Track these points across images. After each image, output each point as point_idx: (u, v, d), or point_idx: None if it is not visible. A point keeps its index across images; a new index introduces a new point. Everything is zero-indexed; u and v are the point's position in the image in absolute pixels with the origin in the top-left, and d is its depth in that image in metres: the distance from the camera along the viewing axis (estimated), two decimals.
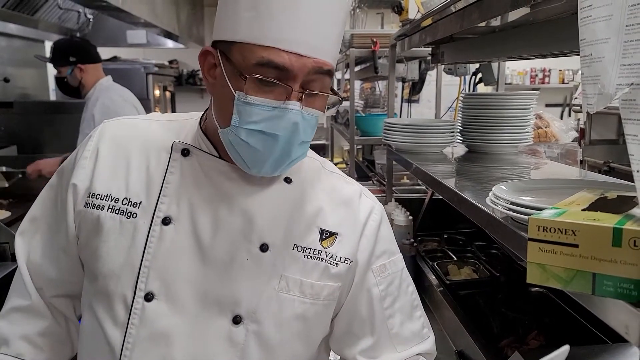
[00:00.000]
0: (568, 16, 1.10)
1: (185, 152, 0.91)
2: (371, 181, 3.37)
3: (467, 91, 2.56)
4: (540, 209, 0.67)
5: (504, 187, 0.94)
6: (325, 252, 0.93)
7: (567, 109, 6.40)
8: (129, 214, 0.89)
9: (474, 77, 2.50)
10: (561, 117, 5.83)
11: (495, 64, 2.34)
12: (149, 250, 0.87)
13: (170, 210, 0.88)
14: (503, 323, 1.43)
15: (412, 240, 1.93)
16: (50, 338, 0.99)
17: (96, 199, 0.90)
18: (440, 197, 1.54)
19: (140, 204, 0.89)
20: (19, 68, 4.15)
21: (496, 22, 1.32)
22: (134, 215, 0.89)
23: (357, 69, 3.52)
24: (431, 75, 3.51)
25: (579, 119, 3.40)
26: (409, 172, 2.16)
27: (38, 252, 0.97)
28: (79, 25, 4.24)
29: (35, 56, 3.93)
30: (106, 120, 0.98)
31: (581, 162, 2.16)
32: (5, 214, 2.48)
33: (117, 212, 0.89)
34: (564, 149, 2.37)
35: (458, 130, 1.94)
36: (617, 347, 1.07)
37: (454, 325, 1.46)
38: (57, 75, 3.09)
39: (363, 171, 3.75)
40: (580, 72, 0.62)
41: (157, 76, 4.61)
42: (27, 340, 0.96)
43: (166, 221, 0.88)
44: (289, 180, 0.94)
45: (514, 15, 1.14)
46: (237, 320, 0.88)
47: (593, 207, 0.66)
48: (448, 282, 1.70)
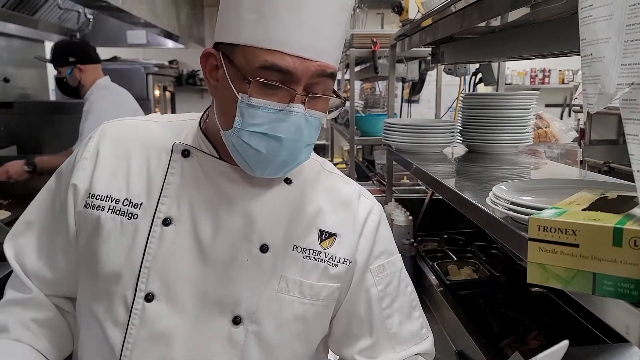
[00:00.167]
0: (568, 16, 1.10)
1: (185, 153, 0.91)
2: (371, 181, 3.37)
3: (467, 91, 2.56)
4: (540, 209, 0.67)
5: (504, 187, 0.94)
6: (325, 253, 0.93)
7: (567, 109, 6.40)
8: (129, 215, 0.89)
9: (474, 77, 2.50)
10: (561, 117, 5.83)
11: (495, 64, 2.34)
12: (150, 251, 0.87)
13: (170, 211, 0.88)
14: (503, 323, 1.43)
15: (412, 241, 1.93)
16: (51, 330, 0.96)
17: (96, 199, 0.90)
18: (440, 197, 1.54)
19: (141, 204, 0.89)
20: (19, 68, 4.15)
21: (496, 22, 1.32)
22: (135, 216, 0.89)
23: (357, 69, 3.52)
24: (431, 76, 3.51)
25: (579, 119, 3.40)
26: (409, 172, 2.17)
27: (33, 254, 0.96)
28: (79, 26, 4.25)
29: (35, 57, 3.94)
30: (106, 122, 0.98)
31: (581, 162, 2.16)
32: (5, 214, 2.48)
33: (117, 213, 0.89)
34: (564, 149, 2.37)
35: (458, 130, 1.94)
36: (617, 347, 1.07)
37: (454, 325, 1.46)
38: (57, 76, 3.11)
39: (363, 171, 3.75)
40: (581, 71, 0.62)
41: (157, 76, 4.61)
42: (26, 327, 0.93)
43: (167, 222, 0.88)
44: (289, 181, 0.94)
45: (514, 15, 1.14)
46: (237, 320, 0.88)
47: (593, 207, 0.66)
48: (448, 282, 1.70)
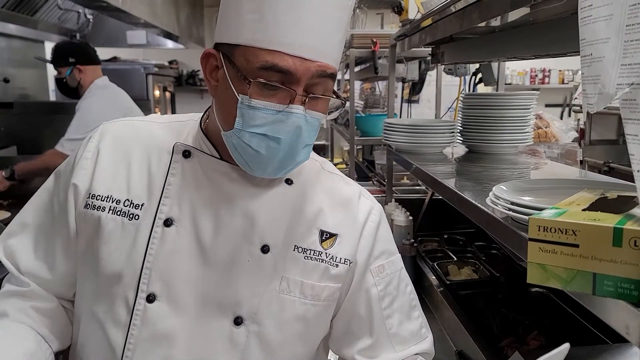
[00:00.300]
0: (568, 16, 1.09)
1: (186, 154, 0.91)
2: (371, 181, 3.37)
3: (467, 91, 2.56)
4: (540, 209, 0.67)
5: (504, 187, 0.94)
6: (326, 254, 0.93)
7: (567, 109, 6.40)
8: (130, 216, 0.88)
9: (474, 77, 2.50)
10: (561, 117, 5.83)
11: (495, 64, 2.34)
12: (151, 251, 0.87)
13: (171, 212, 0.88)
14: (503, 323, 1.43)
15: (412, 241, 1.93)
16: (51, 320, 0.95)
17: (96, 200, 0.89)
18: (440, 197, 1.54)
19: (142, 205, 0.89)
20: (19, 68, 4.15)
21: (496, 22, 1.32)
22: (136, 217, 0.88)
23: (357, 69, 3.52)
24: (431, 76, 3.51)
25: (579, 119, 3.40)
26: (409, 173, 2.17)
27: (29, 255, 0.95)
28: (79, 26, 4.25)
29: (35, 57, 3.94)
30: (106, 122, 0.98)
31: (581, 162, 2.16)
32: (5, 214, 2.48)
33: (118, 213, 0.88)
34: (564, 149, 2.37)
35: (458, 130, 1.94)
36: (617, 347, 1.07)
37: (454, 325, 1.46)
38: (57, 76, 3.12)
39: (363, 171, 3.75)
40: (581, 72, 0.62)
41: (157, 76, 4.61)
42: (25, 313, 0.92)
43: (168, 223, 0.88)
44: (289, 182, 0.94)
45: (513, 15, 1.14)
46: (238, 321, 0.88)
47: (593, 207, 0.66)
48: (448, 282, 1.70)
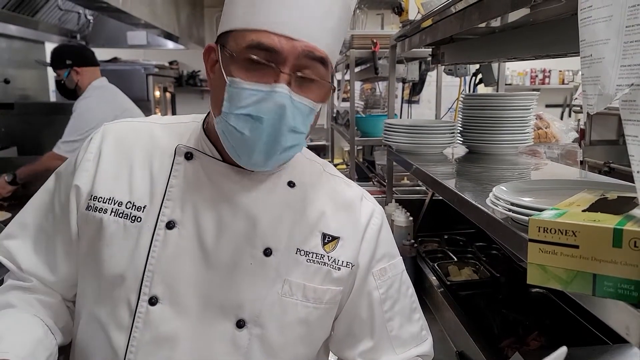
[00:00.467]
0: (568, 17, 1.09)
1: (188, 156, 0.91)
2: (371, 182, 3.37)
3: (467, 92, 2.56)
4: (540, 210, 0.67)
5: (504, 188, 0.94)
6: (328, 257, 0.93)
7: (567, 109, 6.39)
8: (133, 218, 0.88)
9: (474, 77, 2.50)
10: (561, 118, 5.82)
11: (495, 65, 2.34)
12: (153, 254, 0.86)
13: (174, 214, 0.88)
14: (503, 324, 1.43)
15: (412, 241, 1.93)
16: (55, 314, 0.94)
17: (98, 202, 0.89)
18: (441, 197, 1.54)
19: (144, 207, 0.89)
20: (19, 69, 4.15)
21: (496, 23, 1.32)
22: (139, 220, 0.88)
23: (357, 69, 3.52)
24: (431, 76, 3.51)
25: (579, 120, 3.39)
26: (409, 173, 2.16)
27: (29, 256, 0.94)
28: (79, 27, 4.26)
29: (36, 60, 3.95)
30: (107, 123, 0.98)
31: (581, 162, 2.15)
32: (5, 215, 2.48)
33: (120, 215, 0.88)
34: (564, 149, 2.37)
35: (458, 131, 1.94)
36: (617, 348, 1.08)
37: (454, 326, 1.46)
38: (56, 78, 3.14)
39: (363, 172, 3.75)
40: (581, 73, 0.62)
41: (157, 77, 4.61)
42: (31, 304, 0.92)
43: (170, 225, 0.87)
44: (292, 184, 0.94)
45: (514, 16, 1.14)
46: (240, 324, 0.87)
47: (593, 207, 0.66)
48: (448, 282, 1.70)
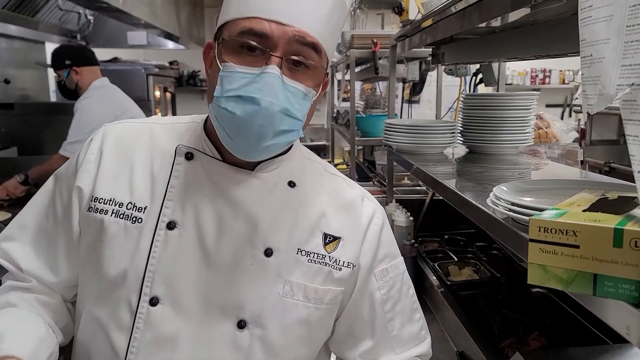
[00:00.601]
0: (568, 17, 1.09)
1: (189, 156, 0.91)
2: (372, 182, 3.37)
3: (468, 92, 2.55)
4: (541, 210, 0.67)
5: (505, 188, 0.94)
6: (329, 257, 0.93)
7: (567, 109, 6.39)
8: (134, 219, 0.88)
9: (474, 77, 2.50)
10: (562, 118, 5.82)
11: (495, 65, 2.34)
12: (154, 255, 0.86)
13: (174, 215, 0.88)
14: (504, 324, 1.43)
15: (412, 241, 1.93)
16: (56, 314, 0.94)
17: (99, 203, 0.89)
18: (441, 197, 1.54)
19: (145, 208, 0.89)
20: (20, 69, 4.15)
21: (496, 23, 1.32)
22: (139, 220, 0.88)
23: (357, 69, 3.52)
24: (431, 76, 3.51)
25: (579, 120, 3.39)
26: (409, 173, 2.16)
27: (31, 258, 0.94)
28: (80, 27, 4.26)
29: (36, 62, 3.96)
30: (107, 124, 0.97)
31: (582, 162, 2.15)
32: (5, 215, 2.48)
33: (121, 216, 0.88)
34: (564, 149, 2.37)
35: (458, 130, 1.94)
36: (618, 348, 1.07)
37: (454, 326, 1.46)
38: (57, 79, 3.14)
39: (364, 172, 3.75)
40: (581, 72, 0.62)
41: (158, 77, 4.61)
42: (31, 304, 0.91)
43: (171, 226, 0.87)
44: (292, 184, 0.94)
45: (514, 16, 1.14)
46: (241, 324, 0.87)
47: (594, 207, 0.65)
48: (449, 282, 1.70)
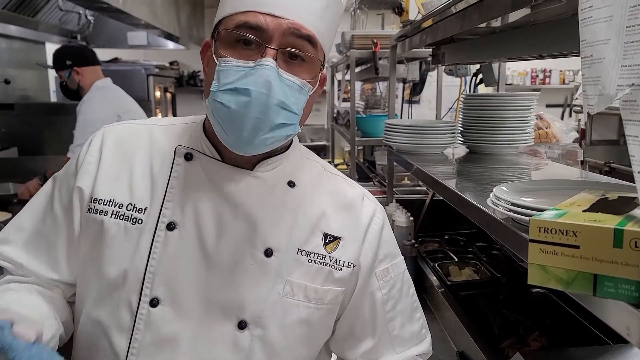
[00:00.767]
0: (568, 17, 1.09)
1: (188, 157, 0.90)
2: (372, 182, 3.37)
3: (468, 92, 2.55)
4: (541, 210, 0.67)
5: (505, 188, 0.94)
6: (329, 257, 0.93)
7: (567, 109, 6.39)
8: (134, 220, 0.88)
9: (474, 77, 2.50)
10: (562, 118, 5.82)
11: (495, 65, 2.34)
12: (154, 255, 0.86)
13: (174, 216, 0.88)
14: (504, 324, 1.43)
15: (413, 241, 1.93)
16: (56, 307, 0.90)
17: (99, 204, 0.89)
18: (441, 198, 1.54)
19: (145, 209, 0.88)
20: (20, 70, 4.15)
21: (497, 23, 1.32)
22: (140, 222, 0.88)
23: (357, 70, 3.52)
24: (432, 76, 3.51)
25: (579, 120, 3.39)
26: (409, 173, 2.16)
27: (29, 259, 0.92)
28: (80, 27, 4.26)
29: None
30: (106, 125, 0.97)
31: (582, 162, 2.15)
32: (6, 216, 2.48)
33: (121, 217, 0.88)
34: (564, 149, 2.37)
35: (459, 131, 1.94)
36: (618, 348, 1.07)
37: (455, 326, 1.46)
38: (60, 80, 3.15)
39: (364, 172, 3.75)
40: (581, 73, 0.62)
41: (158, 77, 4.62)
42: (31, 293, 0.88)
43: (171, 226, 0.87)
44: (292, 184, 0.94)
45: (514, 16, 1.14)
46: (242, 325, 0.87)
47: (594, 208, 0.65)
48: (449, 283, 1.70)
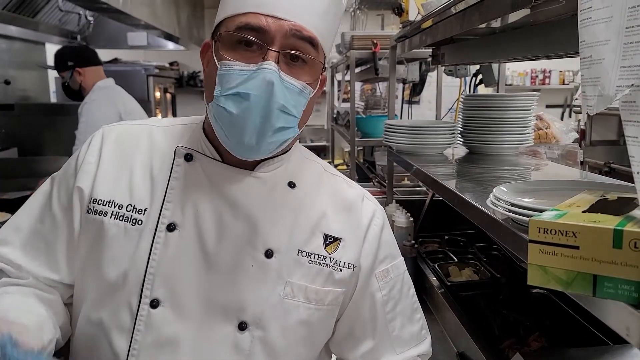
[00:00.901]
0: (568, 17, 1.09)
1: (188, 157, 0.90)
2: (372, 182, 3.37)
3: (468, 92, 2.55)
4: (540, 211, 0.67)
5: (505, 189, 0.94)
6: (330, 258, 0.92)
7: (567, 109, 6.39)
8: (134, 221, 0.88)
9: (474, 78, 2.49)
10: (562, 118, 5.82)
11: (495, 65, 2.34)
12: (154, 257, 0.86)
13: (174, 216, 0.88)
14: (504, 324, 1.43)
15: (412, 242, 1.93)
16: (54, 311, 0.90)
17: (98, 204, 0.89)
18: (441, 198, 1.54)
19: (145, 210, 0.88)
20: (20, 70, 4.15)
21: (496, 24, 1.32)
22: (139, 222, 0.88)
23: (357, 70, 3.52)
24: (431, 77, 3.51)
25: (579, 120, 3.39)
26: (409, 174, 2.16)
27: (27, 260, 0.91)
28: (80, 28, 4.26)
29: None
30: (105, 126, 0.97)
31: (582, 163, 2.15)
32: (6, 216, 2.48)
33: (121, 218, 0.88)
34: (564, 150, 2.37)
35: (458, 131, 1.94)
36: (618, 349, 1.08)
37: (455, 326, 1.46)
38: (62, 81, 3.15)
39: (364, 173, 3.75)
40: (580, 73, 0.62)
41: (158, 78, 4.62)
42: (28, 297, 0.87)
43: (171, 227, 0.87)
44: (292, 185, 0.94)
45: (514, 17, 1.14)
46: (242, 326, 0.87)
47: (594, 208, 0.65)
48: (449, 283, 1.70)
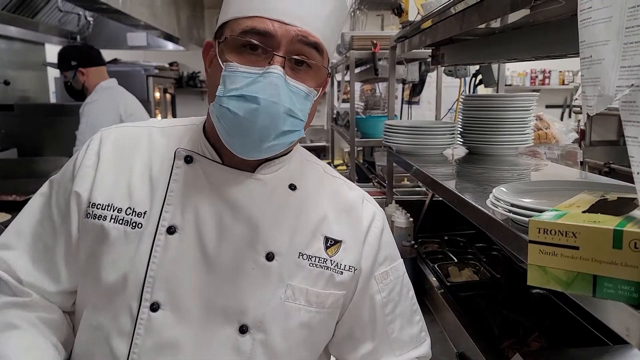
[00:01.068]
0: (568, 18, 1.09)
1: (188, 159, 0.90)
2: (372, 183, 3.37)
3: (467, 93, 2.55)
4: (540, 211, 0.67)
5: (505, 189, 0.93)
6: (330, 261, 0.92)
7: (567, 110, 6.40)
8: (133, 224, 0.87)
9: (474, 78, 2.49)
10: (561, 119, 5.82)
11: (495, 66, 2.33)
12: (154, 260, 0.85)
13: (174, 219, 0.87)
14: (504, 325, 1.43)
15: (412, 242, 1.93)
16: (58, 331, 0.91)
17: (97, 209, 0.88)
18: (441, 198, 1.54)
19: (144, 213, 0.88)
20: (20, 71, 4.15)
21: (496, 24, 1.32)
22: (139, 226, 0.87)
23: (357, 70, 3.52)
24: (431, 77, 3.51)
25: (579, 120, 3.39)
26: (409, 174, 2.16)
27: (29, 266, 0.91)
28: (79, 28, 4.26)
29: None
30: (104, 128, 0.97)
31: (581, 163, 2.16)
32: (5, 217, 2.48)
33: (120, 222, 0.87)
34: (564, 150, 2.37)
35: (458, 131, 1.94)
36: (618, 349, 1.07)
37: (454, 327, 1.46)
38: (64, 80, 3.16)
39: (363, 173, 3.75)
40: (580, 74, 0.62)
41: (158, 78, 4.62)
42: (34, 325, 0.87)
43: (171, 230, 0.86)
44: (293, 187, 0.93)
45: (513, 17, 1.14)
46: (243, 329, 0.87)
47: (593, 208, 0.65)
48: (449, 283, 1.70)
